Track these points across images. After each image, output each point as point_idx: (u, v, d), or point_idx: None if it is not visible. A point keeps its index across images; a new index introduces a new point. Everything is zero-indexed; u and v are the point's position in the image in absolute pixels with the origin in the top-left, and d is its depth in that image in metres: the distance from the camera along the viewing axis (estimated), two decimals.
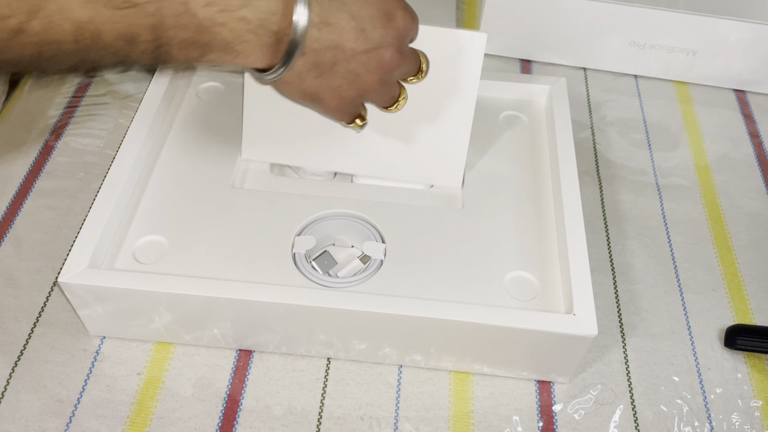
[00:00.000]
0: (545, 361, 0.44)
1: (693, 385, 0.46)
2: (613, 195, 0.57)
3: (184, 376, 0.45)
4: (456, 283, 0.44)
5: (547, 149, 0.53)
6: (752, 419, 0.45)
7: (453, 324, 0.41)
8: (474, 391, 0.45)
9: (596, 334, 0.41)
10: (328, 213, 0.47)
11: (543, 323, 0.41)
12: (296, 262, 0.45)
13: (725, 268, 0.53)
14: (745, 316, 0.50)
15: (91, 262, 0.42)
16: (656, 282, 0.51)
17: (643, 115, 0.64)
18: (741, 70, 0.65)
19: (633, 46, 0.65)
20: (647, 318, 0.49)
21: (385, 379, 0.45)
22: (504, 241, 0.47)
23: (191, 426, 0.43)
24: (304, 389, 0.45)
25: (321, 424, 0.43)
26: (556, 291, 0.44)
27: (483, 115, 0.55)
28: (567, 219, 0.46)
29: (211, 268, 0.44)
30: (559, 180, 0.48)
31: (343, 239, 0.48)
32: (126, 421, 0.43)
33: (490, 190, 0.50)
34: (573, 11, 0.63)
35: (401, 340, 0.43)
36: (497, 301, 0.43)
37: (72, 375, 0.45)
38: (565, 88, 0.55)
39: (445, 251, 0.46)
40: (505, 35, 0.67)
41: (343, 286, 0.43)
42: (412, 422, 0.44)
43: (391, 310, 0.41)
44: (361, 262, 0.46)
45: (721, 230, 0.55)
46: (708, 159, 0.61)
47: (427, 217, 0.48)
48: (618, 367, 0.47)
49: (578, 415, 0.44)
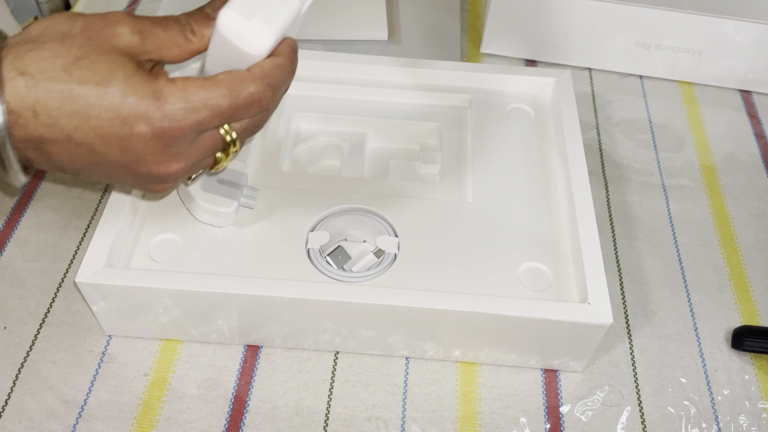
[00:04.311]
0: (560, 351, 0.44)
1: (700, 387, 0.46)
2: (619, 195, 0.57)
3: (190, 377, 0.45)
4: (470, 275, 0.44)
5: (555, 140, 0.53)
6: (759, 421, 0.44)
7: (470, 315, 0.41)
8: (481, 392, 0.45)
9: (611, 323, 0.41)
10: (341, 208, 0.48)
11: (558, 313, 0.41)
12: (311, 257, 0.45)
13: (732, 269, 0.53)
14: (752, 317, 0.50)
15: (108, 262, 0.42)
16: (663, 283, 0.51)
17: (649, 115, 0.64)
18: (747, 71, 0.65)
19: (638, 46, 0.65)
20: (654, 319, 0.49)
21: (392, 380, 0.45)
22: (516, 232, 0.47)
23: (198, 427, 0.43)
24: (311, 390, 0.45)
25: (328, 426, 0.43)
26: (569, 281, 0.45)
27: (490, 108, 0.55)
28: (578, 209, 0.46)
29: (226, 265, 0.44)
30: (567, 170, 0.48)
31: (355, 234, 0.48)
32: (132, 422, 0.43)
33: (499, 182, 0.50)
34: (578, 11, 0.63)
35: (418, 333, 0.43)
36: (511, 292, 0.44)
37: (78, 376, 0.45)
38: (571, 80, 0.55)
39: (457, 244, 0.46)
40: (510, 35, 0.67)
41: (359, 280, 0.44)
42: (419, 424, 0.43)
43: (407, 303, 0.41)
44: (375, 257, 0.46)
45: (728, 231, 0.55)
46: (714, 159, 0.61)
47: (438, 210, 0.48)
48: (625, 369, 0.47)
49: (585, 417, 0.44)
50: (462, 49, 0.69)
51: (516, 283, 0.44)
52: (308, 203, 0.48)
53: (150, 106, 0.33)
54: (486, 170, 0.51)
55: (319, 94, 0.55)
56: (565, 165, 0.49)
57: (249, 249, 0.45)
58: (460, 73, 0.56)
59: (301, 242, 0.45)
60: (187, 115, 0.33)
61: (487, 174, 0.50)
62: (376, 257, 0.46)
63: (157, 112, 0.33)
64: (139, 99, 0.32)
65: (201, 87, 0.34)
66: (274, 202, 0.48)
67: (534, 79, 0.56)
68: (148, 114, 0.33)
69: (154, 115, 0.33)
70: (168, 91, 0.33)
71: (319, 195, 0.48)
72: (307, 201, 0.48)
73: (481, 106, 0.55)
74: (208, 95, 0.33)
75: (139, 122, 0.33)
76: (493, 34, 0.67)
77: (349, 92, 0.55)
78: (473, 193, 0.49)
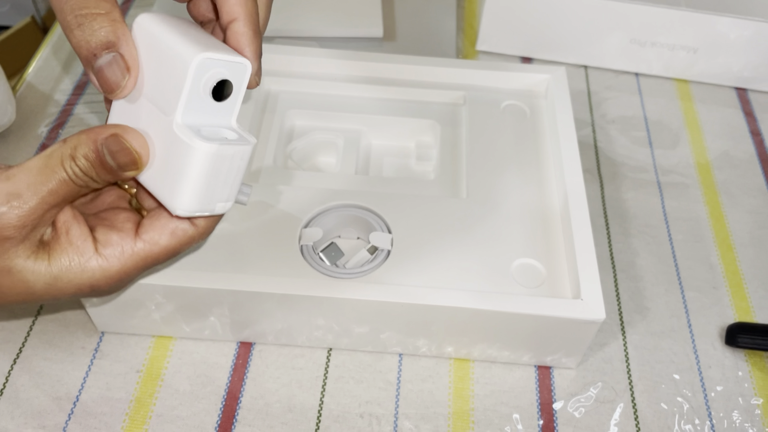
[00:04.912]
0: (553, 348, 0.44)
1: (694, 383, 0.46)
2: (614, 193, 0.57)
3: (183, 374, 0.45)
4: (463, 271, 0.44)
5: (549, 137, 0.53)
6: (753, 417, 0.44)
7: (463, 311, 0.41)
8: (474, 388, 0.45)
9: (604, 319, 0.41)
10: (335, 205, 0.48)
11: (551, 309, 0.41)
12: (304, 254, 0.45)
13: (726, 266, 0.53)
14: (746, 314, 0.50)
15: None
16: (657, 280, 0.51)
17: (644, 112, 0.64)
18: (742, 68, 0.65)
19: (634, 43, 0.65)
20: (648, 316, 0.49)
21: (385, 377, 0.45)
22: (509, 228, 0.47)
23: (190, 424, 0.43)
24: (304, 387, 0.45)
25: (320, 422, 0.43)
26: (562, 277, 0.45)
27: (485, 105, 0.55)
28: (571, 205, 0.46)
29: (218, 262, 0.44)
30: (561, 167, 0.48)
31: (349, 231, 0.48)
32: (125, 418, 0.43)
33: (494, 179, 0.50)
34: (573, 9, 0.63)
35: (411, 329, 0.44)
36: (504, 289, 0.44)
37: (71, 372, 0.45)
38: (565, 76, 0.54)
39: (451, 240, 0.46)
40: (506, 33, 0.67)
41: (353, 276, 0.44)
42: (411, 420, 0.43)
43: (401, 299, 0.41)
44: (368, 253, 0.46)
45: (722, 228, 0.55)
46: (709, 157, 0.61)
47: (431, 206, 0.48)
48: (619, 365, 0.47)
49: (578, 413, 0.44)
50: (457, 47, 0.69)
51: (509, 280, 0.44)
52: (302, 200, 0.48)
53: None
54: (480, 167, 0.51)
55: (314, 91, 0.55)
56: (559, 162, 0.49)
57: (242, 245, 0.45)
58: (455, 70, 0.56)
59: (294, 239, 0.45)
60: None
61: (481, 171, 0.50)
62: (369, 254, 0.46)
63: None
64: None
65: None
66: (268, 199, 0.48)
67: (529, 76, 0.56)
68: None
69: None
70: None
71: (312, 191, 0.48)
72: (301, 197, 0.48)
73: (475, 103, 0.55)
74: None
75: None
76: (488, 31, 0.67)
77: (344, 89, 0.55)
78: (467, 189, 0.49)
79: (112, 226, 0.34)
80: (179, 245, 0.34)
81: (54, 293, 0.33)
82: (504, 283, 0.44)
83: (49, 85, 0.64)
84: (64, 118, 0.61)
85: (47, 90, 0.63)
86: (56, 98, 0.63)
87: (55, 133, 0.59)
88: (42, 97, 0.63)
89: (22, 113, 0.61)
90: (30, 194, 0.30)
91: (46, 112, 0.61)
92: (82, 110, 0.61)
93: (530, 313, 0.41)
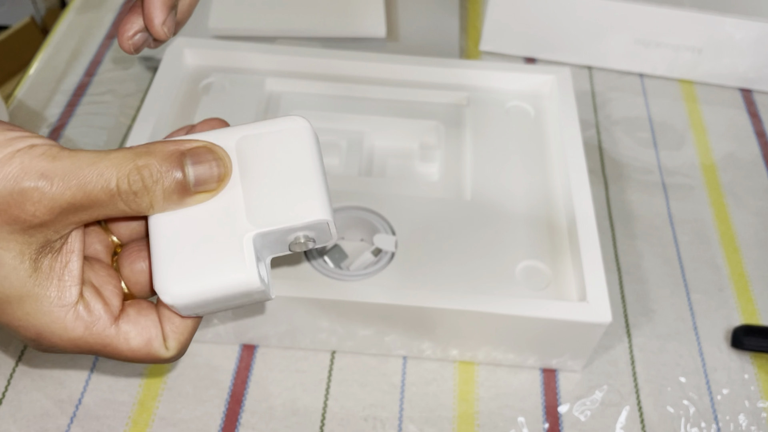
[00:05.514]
0: (558, 351, 0.44)
1: (700, 386, 0.46)
2: (618, 194, 0.57)
3: (186, 376, 0.45)
4: (468, 273, 0.44)
5: (553, 138, 0.52)
6: (759, 420, 0.44)
7: (468, 314, 0.41)
8: (479, 392, 0.45)
9: (610, 321, 0.40)
10: (338, 206, 0.47)
11: (556, 311, 0.41)
12: (308, 256, 0.45)
13: (732, 268, 0.52)
14: (752, 317, 0.49)
15: None
16: (662, 282, 0.51)
17: (649, 113, 0.64)
18: (747, 69, 0.65)
19: (638, 44, 0.64)
20: (654, 318, 0.49)
21: (389, 380, 0.45)
22: (514, 230, 0.47)
23: (193, 427, 0.42)
24: (308, 390, 0.44)
25: (324, 426, 0.43)
26: (568, 279, 0.44)
27: (489, 106, 0.54)
28: (576, 206, 0.45)
29: None
30: (567, 169, 0.48)
31: (353, 232, 0.48)
32: (128, 421, 0.43)
33: (498, 181, 0.50)
34: (577, 9, 0.63)
35: (415, 332, 0.43)
36: (509, 291, 0.43)
37: (73, 375, 0.44)
38: (570, 78, 0.54)
39: (455, 242, 0.46)
40: (509, 33, 0.66)
41: (356, 279, 0.43)
42: (416, 423, 0.43)
43: (405, 302, 0.41)
44: (372, 255, 0.46)
45: (728, 230, 0.55)
46: (714, 158, 0.60)
47: (436, 208, 0.47)
48: (624, 368, 0.46)
49: (584, 417, 0.44)
50: (461, 47, 0.68)
51: (514, 282, 0.44)
52: None
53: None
54: (484, 168, 0.50)
55: (317, 92, 0.55)
56: (564, 163, 0.49)
57: None
58: (459, 71, 0.56)
59: None
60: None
61: (485, 172, 0.50)
62: (373, 256, 0.46)
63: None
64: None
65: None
66: None
67: (533, 76, 0.55)
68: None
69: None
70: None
71: None
72: None
73: (479, 104, 0.55)
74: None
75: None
76: (492, 32, 0.67)
77: (347, 90, 0.55)
78: (471, 191, 0.49)
79: (100, 294, 0.29)
80: (144, 356, 0.30)
81: (0, 307, 0.28)
82: (509, 286, 0.44)
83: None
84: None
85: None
86: (63, 88, 0.62)
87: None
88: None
89: (30, 99, 0.61)
90: (62, 183, 0.26)
91: (54, 100, 0.61)
92: (88, 101, 0.61)
93: (535, 316, 0.41)
